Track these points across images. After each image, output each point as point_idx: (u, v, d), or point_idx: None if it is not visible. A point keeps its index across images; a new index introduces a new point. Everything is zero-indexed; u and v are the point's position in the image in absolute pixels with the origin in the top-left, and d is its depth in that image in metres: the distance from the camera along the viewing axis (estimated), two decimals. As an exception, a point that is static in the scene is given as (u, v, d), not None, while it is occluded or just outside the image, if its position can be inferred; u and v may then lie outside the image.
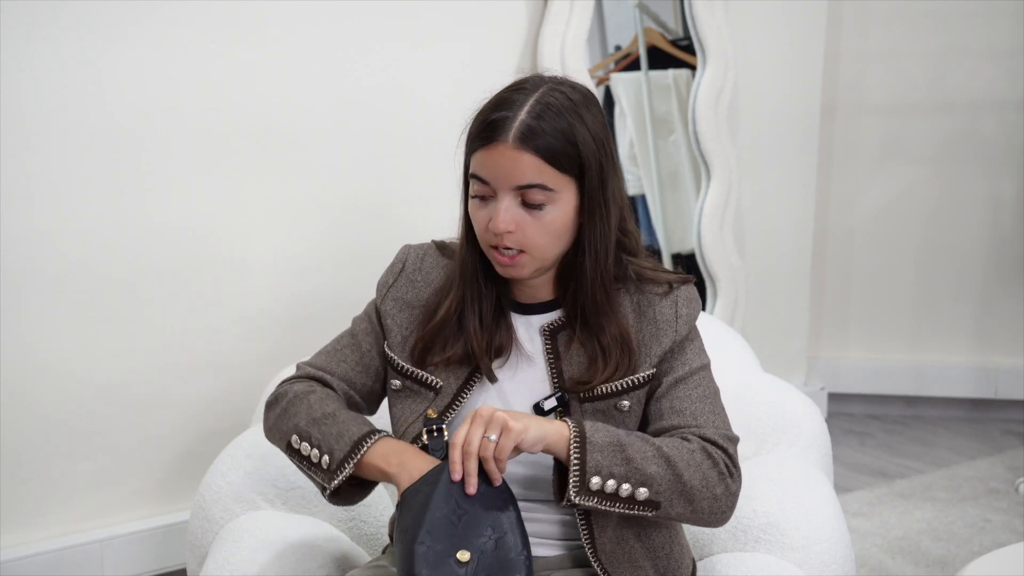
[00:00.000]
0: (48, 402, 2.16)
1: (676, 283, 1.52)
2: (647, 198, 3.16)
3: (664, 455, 1.40)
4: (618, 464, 1.38)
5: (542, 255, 1.44)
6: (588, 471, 1.37)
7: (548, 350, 1.50)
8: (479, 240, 1.46)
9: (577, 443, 1.37)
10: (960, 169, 3.70)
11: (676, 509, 1.42)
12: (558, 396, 1.48)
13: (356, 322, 1.62)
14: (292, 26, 2.32)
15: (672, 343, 1.50)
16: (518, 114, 1.40)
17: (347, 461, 1.43)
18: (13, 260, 2.08)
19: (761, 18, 3.20)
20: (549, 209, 1.41)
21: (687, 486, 1.41)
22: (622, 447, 1.39)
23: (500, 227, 1.40)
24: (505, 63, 2.63)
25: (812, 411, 1.97)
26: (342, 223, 2.44)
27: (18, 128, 2.06)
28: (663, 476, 1.40)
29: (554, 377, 1.50)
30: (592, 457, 1.37)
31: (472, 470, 1.35)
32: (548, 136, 1.39)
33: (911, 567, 2.59)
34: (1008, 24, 3.60)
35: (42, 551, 2.17)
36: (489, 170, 1.40)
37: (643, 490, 1.39)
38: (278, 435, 1.53)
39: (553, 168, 1.40)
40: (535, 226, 1.41)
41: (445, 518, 1.33)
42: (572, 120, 1.41)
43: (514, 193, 1.40)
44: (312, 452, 1.46)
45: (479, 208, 1.44)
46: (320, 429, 1.47)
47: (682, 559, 1.55)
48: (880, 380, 3.79)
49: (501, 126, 1.39)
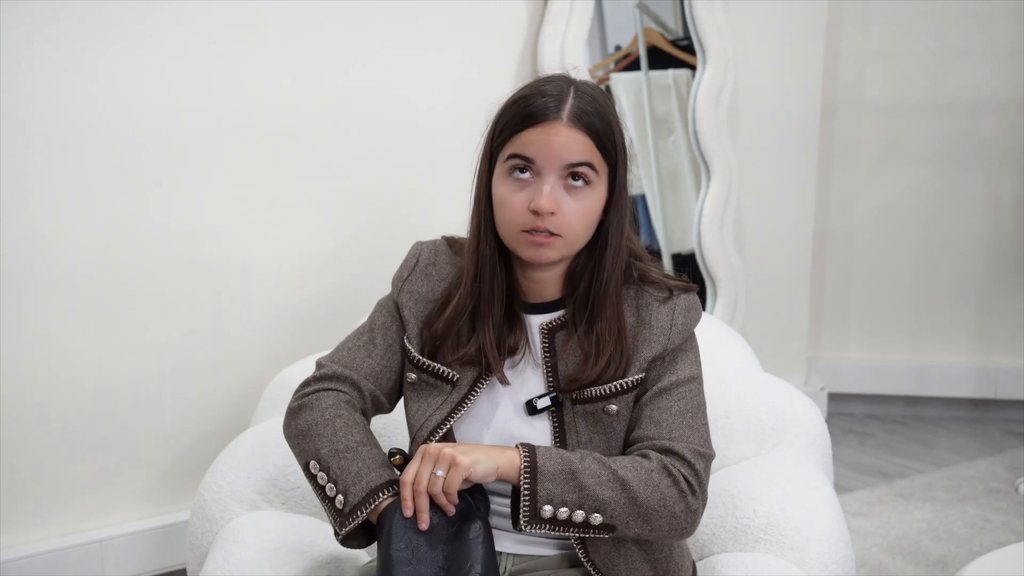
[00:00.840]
0: (48, 402, 2.16)
1: (678, 290, 1.51)
2: (647, 198, 3.16)
3: (619, 478, 1.40)
4: (570, 492, 1.39)
5: (573, 240, 1.45)
6: (539, 500, 1.38)
7: (545, 348, 1.50)
8: (509, 224, 1.44)
9: (528, 473, 1.38)
10: (960, 169, 3.70)
11: (633, 530, 1.42)
12: (552, 396, 1.48)
13: (374, 317, 1.60)
14: (292, 26, 2.32)
15: (663, 350, 1.49)
16: (567, 97, 1.42)
17: (362, 508, 1.43)
18: (14, 261, 2.08)
19: (761, 18, 3.20)
20: (588, 194, 1.43)
21: (643, 507, 1.41)
22: (574, 474, 1.39)
23: (545, 205, 1.40)
24: (505, 63, 2.63)
25: (812, 411, 1.97)
26: (343, 224, 2.44)
27: (18, 129, 2.06)
28: (617, 500, 1.40)
29: (549, 376, 1.49)
30: (543, 486, 1.38)
31: (423, 506, 1.37)
32: (596, 120, 1.42)
33: (911, 567, 2.59)
34: (1008, 24, 3.60)
35: (42, 551, 2.17)
36: (539, 148, 1.41)
37: (597, 516, 1.40)
38: (297, 450, 1.52)
39: (599, 152, 1.43)
40: (575, 210, 1.42)
41: (400, 553, 1.36)
42: (607, 109, 1.45)
43: (560, 173, 1.41)
44: (328, 485, 1.46)
45: (516, 191, 1.43)
46: (340, 463, 1.46)
47: (682, 561, 1.55)
48: (880, 380, 3.79)
49: (554, 106, 1.41)
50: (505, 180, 1.44)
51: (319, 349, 2.25)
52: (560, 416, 1.48)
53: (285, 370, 2.06)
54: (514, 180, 1.43)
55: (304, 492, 1.81)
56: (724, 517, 1.74)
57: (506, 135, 1.44)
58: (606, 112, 1.44)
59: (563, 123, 1.40)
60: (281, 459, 1.82)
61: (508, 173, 1.43)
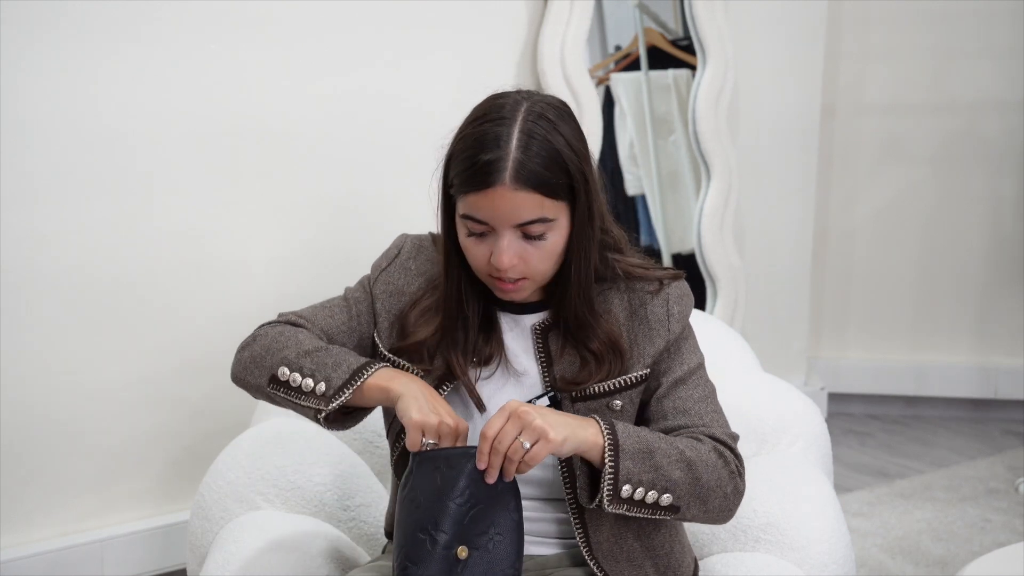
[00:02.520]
0: (48, 402, 2.16)
1: (666, 280, 1.51)
2: (647, 198, 3.16)
3: (686, 459, 1.40)
4: (647, 471, 1.38)
5: (541, 279, 1.45)
6: (620, 480, 1.36)
7: (539, 348, 1.50)
8: (476, 268, 1.44)
9: (611, 451, 1.37)
10: (960, 169, 3.70)
11: (691, 512, 1.42)
12: (550, 395, 1.48)
13: (349, 290, 1.59)
14: (292, 27, 2.32)
15: (666, 343, 1.49)
16: (508, 151, 1.36)
17: (347, 386, 1.41)
18: (14, 261, 2.08)
19: (761, 18, 3.20)
20: (549, 236, 1.41)
21: (704, 488, 1.41)
22: (651, 454, 1.39)
23: (504, 264, 1.39)
24: (505, 63, 2.63)
25: (812, 411, 1.97)
26: (341, 224, 2.44)
27: (18, 129, 2.06)
28: (684, 480, 1.40)
29: (546, 376, 1.49)
30: (624, 465, 1.36)
31: (496, 464, 1.33)
32: (541, 170, 1.36)
33: (911, 567, 2.59)
34: (1008, 24, 3.60)
35: (42, 551, 2.17)
36: (487, 212, 1.38)
37: (667, 496, 1.39)
38: (257, 371, 1.48)
39: (550, 200, 1.38)
40: (537, 255, 1.41)
41: (459, 508, 1.32)
42: (556, 144, 1.38)
43: (514, 229, 1.39)
44: (304, 382, 1.43)
45: (476, 244, 1.42)
46: (313, 360, 1.44)
47: (683, 558, 1.55)
48: (880, 380, 3.79)
49: (494, 168, 1.36)
50: (463, 230, 1.43)
51: (319, 349, 2.26)
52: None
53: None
54: (475, 236, 1.42)
55: (304, 492, 1.81)
56: (724, 517, 1.74)
57: (456, 190, 1.40)
58: (556, 148, 1.38)
59: (507, 187, 1.35)
60: (281, 459, 1.82)
61: (464, 226, 1.42)
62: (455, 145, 1.42)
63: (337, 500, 1.83)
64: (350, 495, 1.84)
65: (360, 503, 1.85)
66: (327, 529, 1.77)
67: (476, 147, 1.38)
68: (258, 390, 1.50)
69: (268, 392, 1.48)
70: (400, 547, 1.34)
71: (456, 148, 1.41)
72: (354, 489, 1.85)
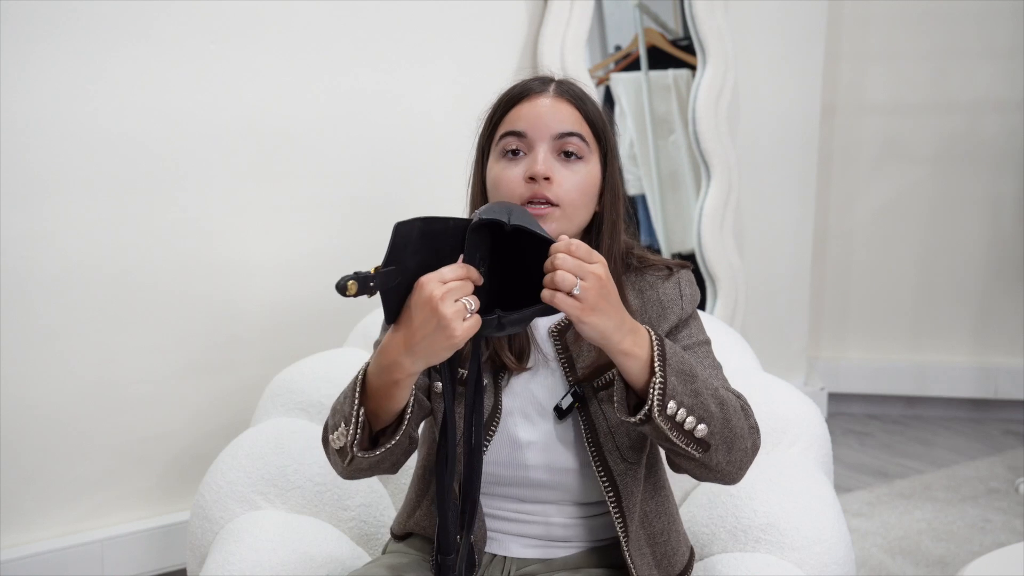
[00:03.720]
0: (49, 402, 2.16)
1: (676, 267, 1.54)
2: (647, 198, 3.16)
3: (719, 397, 1.37)
4: (688, 395, 1.33)
5: (571, 212, 1.44)
6: (667, 395, 1.30)
7: (559, 350, 1.51)
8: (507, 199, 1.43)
9: (660, 360, 1.30)
10: (960, 169, 3.71)
11: (717, 455, 1.37)
12: (573, 392, 1.48)
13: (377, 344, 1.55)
14: (293, 28, 2.32)
15: (678, 319, 1.51)
16: (551, 78, 1.50)
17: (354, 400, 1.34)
18: (14, 260, 2.08)
19: (761, 18, 3.20)
20: (582, 166, 1.45)
21: (732, 433, 1.37)
22: (693, 378, 1.34)
23: (541, 170, 1.41)
24: (505, 63, 2.63)
25: (812, 411, 1.97)
26: (344, 225, 2.44)
27: (20, 129, 2.06)
28: (719, 417, 1.36)
29: (568, 375, 1.50)
30: (671, 380, 1.31)
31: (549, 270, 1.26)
32: (581, 96, 1.48)
33: (911, 567, 2.59)
34: (1008, 24, 3.61)
35: (42, 551, 2.17)
36: (528, 120, 1.44)
37: (702, 427, 1.34)
38: (335, 459, 1.43)
39: (587, 125, 1.46)
40: (570, 179, 1.43)
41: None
42: (593, 102, 1.50)
43: (552, 143, 1.43)
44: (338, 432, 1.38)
45: (510, 166, 1.44)
46: (333, 413, 1.42)
47: (679, 546, 1.56)
48: (880, 380, 3.79)
49: (539, 84, 1.48)
50: (499, 162, 1.46)
51: (319, 349, 2.26)
52: (586, 409, 1.47)
53: (285, 370, 2.06)
54: (507, 160, 1.45)
55: (304, 492, 1.81)
56: (724, 517, 1.75)
57: (496, 119, 1.48)
58: (591, 99, 1.50)
59: (550, 95, 1.46)
60: (281, 459, 1.82)
61: (501, 155, 1.45)
62: (495, 100, 1.51)
63: (337, 500, 1.83)
64: (350, 495, 1.84)
65: (360, 503, 1.85)
66: (327, 529, 1.78)
67: (520, 83, 1.50)
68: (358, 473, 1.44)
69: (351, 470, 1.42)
70: None
71: (500, 96, 1.50)
72: (354, 489, 1.85)
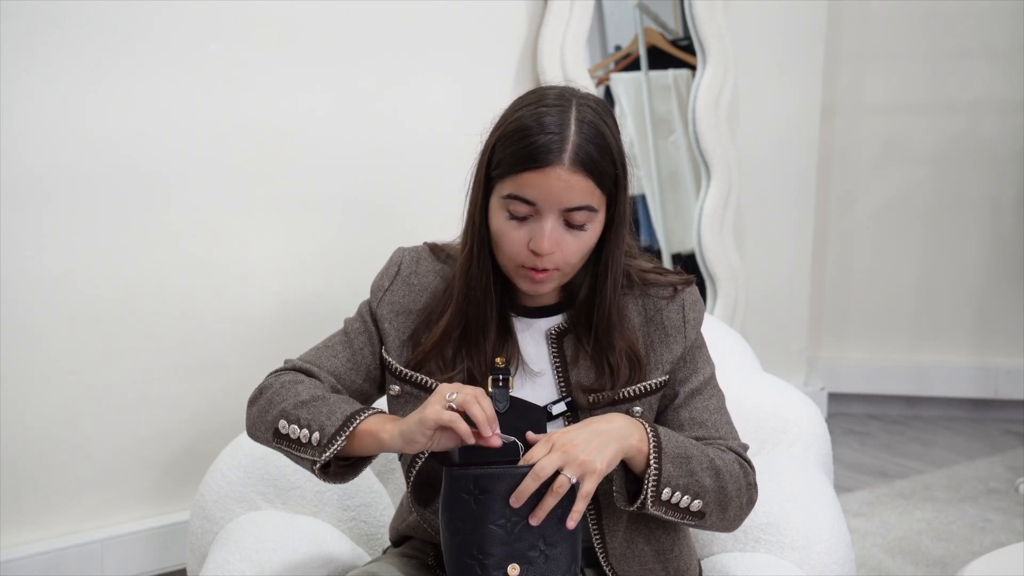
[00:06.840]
0: (48, 402, 2.16)
1: (680, 285, 1.52)
2: (647, 198, 3.16)
3: (715, 467, 1.43)
4: (683, 476, 1.40)
5: (571, 272, 1.45)
6: (663, 483, 1.38)
7: (555, 354, 1.49)
8: (508, 257, 1.43)
9: (655, 454, 1.38)
10: (960, 169, 3.70)
11: (712, 519, 1.44)
12: (567, 401, 1.48)
13: (349, 322, 1.59)
14: (292, 28, 2.32)
15: (683, 349, 1.50)
16: (567, 134, 1.37)
17: (339, 434, 1.39)
18: (13, 261, 2.08)
19: (761, 18, 3.20)
20: (588, 228, 1.41)
21: (727, 497, 1.44)
22: (688, 459, 1.41)
23: (546, 248, 1.38)
24: (505, 63, 2.63)
25: (812, 411, 1.98)
26: (342, 225, 2.44)
27: (18, 130, 2.06)
28: (713, 488, 1.42)
29: (561, 383, 1.49)
30: (666, 468, 1.38)
31: (527, 491, 1.30)
32: (596, 156, 1.38)
33: (911, 567, 2.59)
34: (1008, 24, 3.60)
35: (42, 551, 2.17)
36: (539, 192, 1.37)
37: (697, 502, 1.41)
38: (263, 426, 1.48)
39: (599, 190, 1.39)
40: (574, 245, 1.41)
41: (501, 529, 1.30)
42: (605, 133, 1.40)
43: (559, 214, 1.39)
44: (301, 433, 1.41)
45: (515, 228, 1.40)
46: (309, 410, 1.43)
47: (690, 560, 1.56)
48: (880, 380, 3.79)
49: (555, 148, 1.36)
50: (503, 213, 1.41)
51: (319, 349, 2.26)
52: (576, 419, 1.47)
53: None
54: (516, 219, 1.41)
55: (304, 492, 1.81)
56: (724, 517, 1.75)
57: (504, 170, 1.40)
58: (607, 139, 1.40)
59: (565, 168, 1.36)
60: (281, 459, 1.82)
61: (506, 208, 1.41)
62: (506, 128, 1.41)
63: (337, 500, 1.83)
64: (350, 495, 1.84)
65: (360, 503, 1.85)
66: (327, 529, 1.78)
67: (534, 128, 1.37)
68: (268, 444, 1.49)
69: (275, 447, 1.48)
70: (450, 572, 1.33)
71: (508, 130, 1.40)
72: (354, 489, 1.85)
